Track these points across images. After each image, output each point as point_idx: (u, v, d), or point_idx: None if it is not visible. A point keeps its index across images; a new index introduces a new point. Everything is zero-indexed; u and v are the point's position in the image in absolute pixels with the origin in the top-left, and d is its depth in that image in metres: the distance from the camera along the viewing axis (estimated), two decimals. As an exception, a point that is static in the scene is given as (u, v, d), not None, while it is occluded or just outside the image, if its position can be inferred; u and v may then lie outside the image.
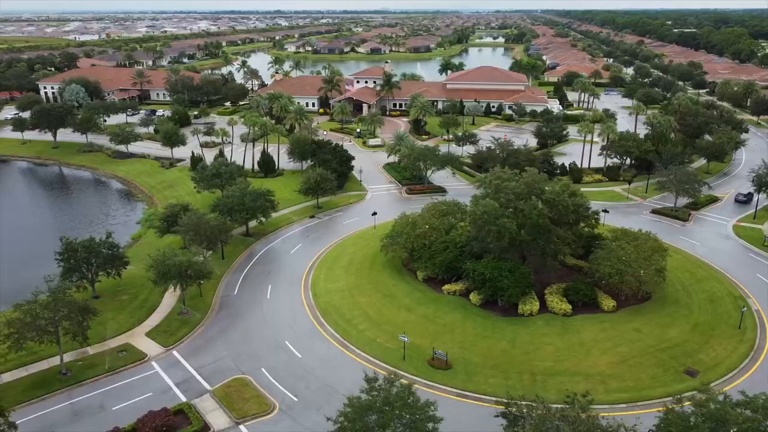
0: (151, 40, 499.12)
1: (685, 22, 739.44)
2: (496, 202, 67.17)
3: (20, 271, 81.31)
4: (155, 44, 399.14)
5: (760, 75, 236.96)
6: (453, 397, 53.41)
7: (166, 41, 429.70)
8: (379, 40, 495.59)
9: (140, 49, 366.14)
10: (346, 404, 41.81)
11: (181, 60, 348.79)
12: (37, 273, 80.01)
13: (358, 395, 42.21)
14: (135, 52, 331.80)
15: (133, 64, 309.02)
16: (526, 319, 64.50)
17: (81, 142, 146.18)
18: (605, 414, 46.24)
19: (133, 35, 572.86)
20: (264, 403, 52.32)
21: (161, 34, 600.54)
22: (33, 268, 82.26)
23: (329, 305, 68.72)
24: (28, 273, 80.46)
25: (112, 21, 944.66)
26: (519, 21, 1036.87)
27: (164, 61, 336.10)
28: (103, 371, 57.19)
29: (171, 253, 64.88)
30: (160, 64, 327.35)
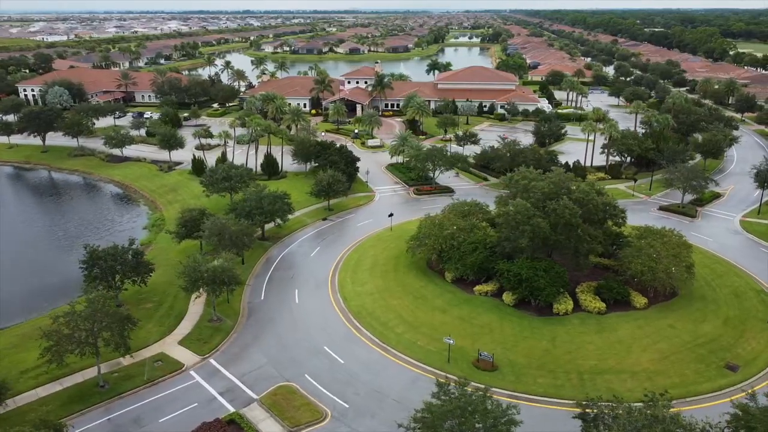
0: (123, 41, 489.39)
1: (652, 22, 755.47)
2: (527, 202, 67.30)
3: (35, 279, 78.83)
4: (129, 45, 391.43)
5: (737, 73, 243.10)
6: (504, 399, 53.03)
7: (140, 42, 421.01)
8: (356, 40, 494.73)
9: (115, 50, 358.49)
10: (420, 409, 41.34)
11: (158, 61, 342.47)
12: (52, 281, 78.72)
13: (429, 401, 41.80)
14: (111, 53, 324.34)
15: (109, 65, 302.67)
16: (562, 318, 64.76)
17: (71, 145, 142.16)
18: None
19: (102, 36, 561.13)
20: (315, 410, 51.40)
21: (132, 35, 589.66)
22: (47, 276, 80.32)
23: (362, 308, 67.99)
24: (43, 281, 78.53)
25: (78, 21, 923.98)
26: (490, 20, 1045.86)
27: (141, 62, 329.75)
28: (142, 382, 55.54)
29: (203, 259, 63.36)
30: (137, 65, 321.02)
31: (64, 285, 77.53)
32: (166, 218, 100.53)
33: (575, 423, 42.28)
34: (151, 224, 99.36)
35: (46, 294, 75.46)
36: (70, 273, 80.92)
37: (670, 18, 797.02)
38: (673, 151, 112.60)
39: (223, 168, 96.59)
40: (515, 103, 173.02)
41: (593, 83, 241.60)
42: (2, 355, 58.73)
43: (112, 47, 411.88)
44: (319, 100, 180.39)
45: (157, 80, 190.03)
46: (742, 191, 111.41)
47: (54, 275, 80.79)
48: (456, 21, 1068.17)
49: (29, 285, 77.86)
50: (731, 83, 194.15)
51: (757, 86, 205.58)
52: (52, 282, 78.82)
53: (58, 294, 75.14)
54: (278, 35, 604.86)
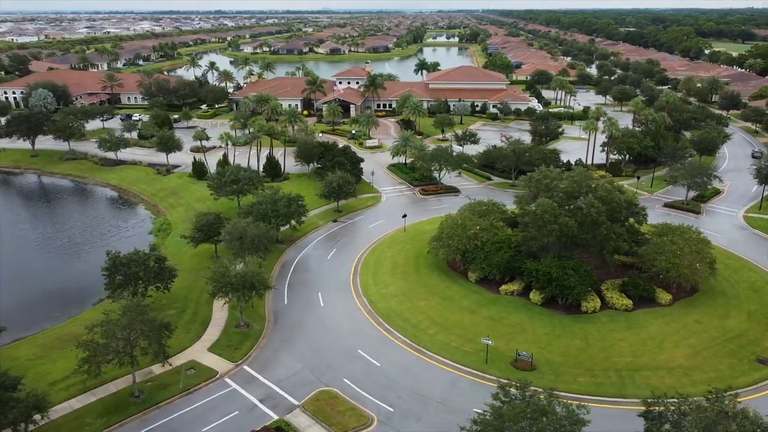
0: (96, 41, 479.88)
1: (623, 22, 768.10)
2: (553, 202, 67.60)
3: (45, 288, 76.76)
4: (104, 45, 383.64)
5: (717, 72, 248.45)
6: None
7: (115, 43, 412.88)
8: (335, 40, 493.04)
9: (91, 51, 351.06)
10: (483, 412, 41.16)
11: (136, 62, 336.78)
12: (63, 290, 76.62)
13: (491, 403, 41.67)
14: (88, 54, 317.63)
15: (87, 66, 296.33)
16: (590, 316, 65.16)
17: (61, 149, 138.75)
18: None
19: (74, 36, 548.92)
20: (361, 415, 50.81)
21: (105, 35, 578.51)
22: (57, 284, 78.24)
23: (390, 311, 67.54)
24: (54, 290, 76.55)
25: (47, 22, 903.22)
26: (464, 20, 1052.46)
27: (119, 63, 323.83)
28: (178, 391, 54.29)
29: (231, 264, 62.22)
30: (115, 66, 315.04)
31: (76, 293, 75.92)
32: (172, 222, 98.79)
33: (621, 420, 42.52)
34: (157, 229, 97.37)
35: (59, 303, 73.52)
36: (80, 281, 79.57)
37: (641, 18, 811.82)
38: (673, 149, 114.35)
39: (231, 171, 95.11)
40: (507, 103, 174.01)
41: (578, 82, 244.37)
42: (27, 367, 56.72)
43: (87, 48, 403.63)
44: (310, 101, 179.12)
45: (144, 82, 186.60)
46: (741, 187, 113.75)
47: (64, 283, 78.79)
48: (431, 21, 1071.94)
49: (40, 294, 75.65)
50: (714, 82, 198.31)
51: (738, 84, 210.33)
52: (64, 290, 76.89)
53: (71, 302, 73.55)
54: (255, 35, 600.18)
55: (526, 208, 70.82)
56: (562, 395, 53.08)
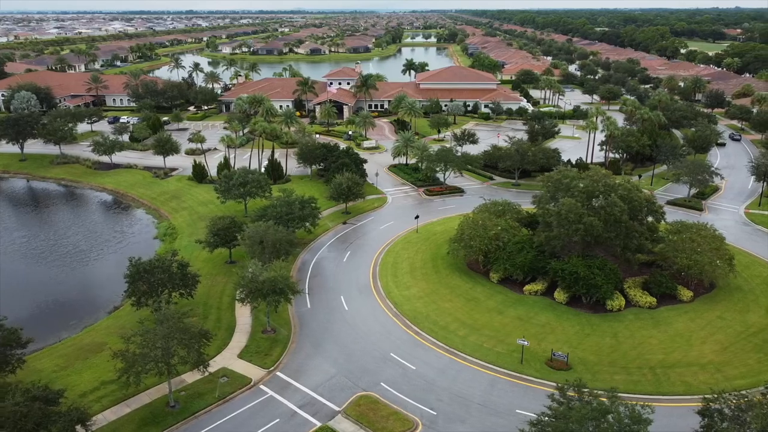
0: (68, 42, 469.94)
1: (596, 21, 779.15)
2: (574, 201, 68.02)
3: (57, 297, 74.72)
4: (78, 46, 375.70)
5: (697, 71, 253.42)
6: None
7: (90, 43, 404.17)
8: (314, 40, 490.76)
9: (66, 52, 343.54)
10: (541, 414, 41.13)
11: (114, 63, 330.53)
12: (75, 298, 74.64)
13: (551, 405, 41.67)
14: (65, 55, 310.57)
15: (64, 68, 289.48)
16: (616, 314, 65.74)
17: (51, 153, 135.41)
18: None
19: (45, 37, 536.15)
20: (405, 419, 50.39)
21: (77, 36, 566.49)
22: (69, 293, 76.33)
23: (416, 313, 67.22)
24: (66, 298, 74.68)
25: (14, 22, 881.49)
26: (439, 20, 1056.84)
27: (97, 65, 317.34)
28: (214, 400, 53.23)
29: (260, 269, 61.23)
30: (92, 67, 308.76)
31: (89, 302, 74.12)
32: (177, 227, 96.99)
33: (663, 417, 42.77)
34: (162, 233, 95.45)
35: (73, 312, 71.67)
36: (92, 289, 77.74)
37: (613, 17, 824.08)
38: (671, 147, 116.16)
39: (239, 174, 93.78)
40: (500, 103, 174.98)
41: (563, 82, 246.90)
42: (53, 379, 54.97)
43: (61, 49, 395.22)
44: (302, 102, 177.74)
45: (131, 83, 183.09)
46: (737, 183, 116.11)
47: (75, 292, 76.73)
48: (406, 21, 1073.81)
49: (52, 303, 73.59)
50: (698, 80, 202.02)
51: (720, 83, 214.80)
52: (76, 299, 74.91)
53: (85, 311, 71.77)
54: (231, 36, 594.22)
55: (548, 208, 71.09)
56: (601, 394, 53.77)
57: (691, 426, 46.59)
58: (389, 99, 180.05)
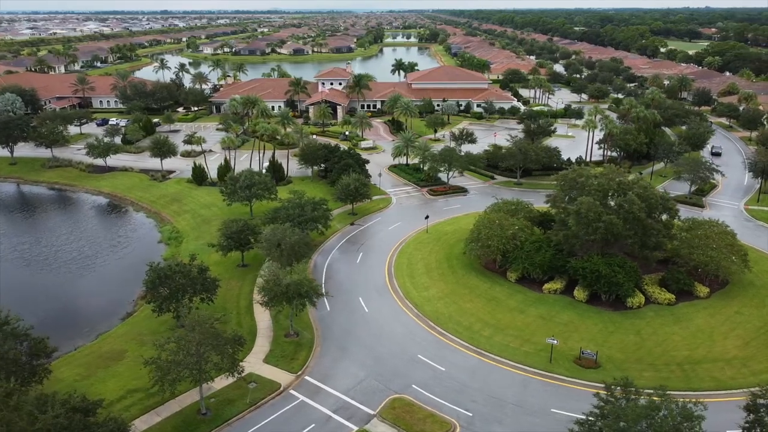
0: (42, 43, 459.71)
1: (572, 21, 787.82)
2: (593, 200, 68.39)
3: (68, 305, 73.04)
4: (55, 47, 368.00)
5: (679, 69, 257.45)
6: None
7: (66, 44, 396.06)
8: (294, 40, 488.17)
9: (43, 52, 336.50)
10: (588, 413, 41.18)
11: (94, 64, 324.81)
12: (87, 305, 73.02)
13: (596, 403, 41.75)
14: (44, 56, 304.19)
15: (44, 69, 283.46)
16: (637, 312, 66.23)
17: (41, 156, 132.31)
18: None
19: (18, 38, 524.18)
20: (442, 421, 50.10)
21: (51, 37, 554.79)
22: (80, 300, 74.83)
23: (439, 314, 66.97)
24: (77, 306, 73.21)
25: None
26: (418, 20, 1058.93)
27: (77, 66, 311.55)
28: (245, 406, 52.35)
29: (283, 273, 60.43)
30: (72, 68, 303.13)
31: (100, 308, 72.63)
32: (181, 230, 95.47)
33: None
34: (167, 237, 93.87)
35: (85, 319, 70.16)
36: (101, 295, 76.04)
37: (589, 17, 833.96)
38: (669, 145, 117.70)
39: (245, 175, 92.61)
40: (492, 102, 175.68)
41: (550, 81, 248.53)
42: (76, 388, 53.20)
43: (37, 50, 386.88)
44: (294, 103, 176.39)
45: (119, 84, 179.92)
46: (733, 180, 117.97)
47: (85, 298, 75.08)
48: (385, 21, 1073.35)
49: (62, 310, 71.87)
50: (683, 79, 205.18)
51: (704, 81, 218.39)
52: (86, 306, 73.39)
53: (97, 318, 70.18)
54: (210, 36, 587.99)
55: (567, 207, 71.34)
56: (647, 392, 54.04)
57: (729, 421, 47.26)
58: (382, 99, 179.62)
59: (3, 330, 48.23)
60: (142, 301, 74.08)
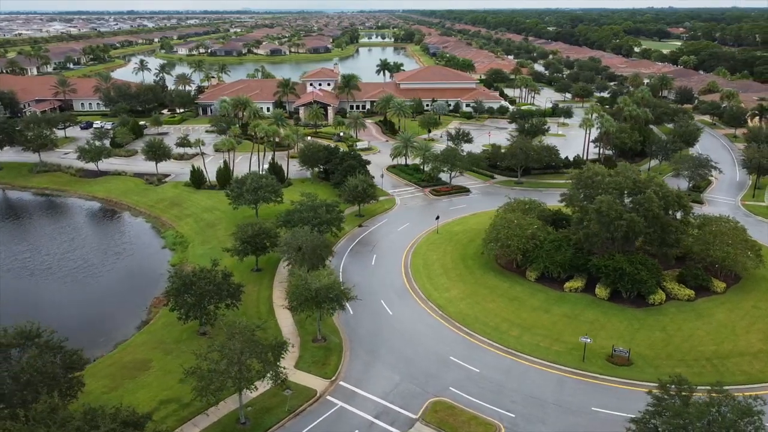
0: (8, 44, 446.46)
1: (543, 21, 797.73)
2: (613, 198, 69.01)
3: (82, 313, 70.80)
4: (23, 48, 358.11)
5: (657, 68, 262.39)
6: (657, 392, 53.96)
7: (33, 45, 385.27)
8: (270, 40, 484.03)
9: (12, 54, 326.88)
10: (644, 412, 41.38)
11: (67, 65, 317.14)
12: (101, 313, 70.88)
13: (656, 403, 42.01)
14: (15, 58, 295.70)
15: (15, 71, 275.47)
16: (659, 308, 66.96)
17: (27, 161, 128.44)
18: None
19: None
20: (487, 423, 49.87)
21: (16, 38, 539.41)
22: (94, 309, 72.82)
23: (464, 315, 66.76)
24: (92, 314, 71.15)
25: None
26: (390, 20, 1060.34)
27: (49, 67, 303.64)
28: (284, 414, 51.35)
29: (311, 277, 59.49)
30: (45, 70, 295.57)
31: (112, 317, 70.55)
32: (185, 235, 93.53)
33: None
34: (171, 243, 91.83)
35: (98, 328, 68.05)
36: (111, 303, 73.92)
37: (560, 17, 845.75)
38: (664, 142, 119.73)
39: (252, 178, 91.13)
40: (482, 102, 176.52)
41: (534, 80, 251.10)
42: (105, 401, 51.60)
43: (5, 51, 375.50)
44: (282, 104, 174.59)
45: (101, 86, 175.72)
46: (726, 176, 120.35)
47: (95, 308, 72.77)
48: (357, 21, 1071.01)
49: (73, 320, 69.32)
50: (664, 78, 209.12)
51: (683, 79, 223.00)
52: (98, 315, 71.01)
53: (110, 327, 68.24)
54: (183, 37, 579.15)
55: (586, 206, 71.81)
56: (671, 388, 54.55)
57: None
58: (371, 99, 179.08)
59: (36, 342, 46.34)
60: (156, 308, 72.65)
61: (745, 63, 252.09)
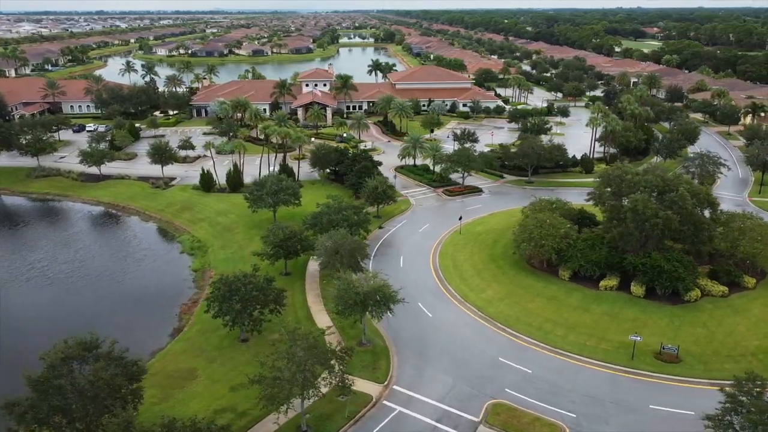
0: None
1: (520, 21, 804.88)
2: (646, 196, 69.57)
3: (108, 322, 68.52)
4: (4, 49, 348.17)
5: (642, 67, 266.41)
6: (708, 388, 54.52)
7: (8, 46, 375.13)
8: (249, 41, 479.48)
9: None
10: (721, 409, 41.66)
11: (45, 67, 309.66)
12: (131, 322, 68.94)
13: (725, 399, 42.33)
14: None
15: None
16: (695, 305, 67.63)
17: (24, 166, 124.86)
18: None
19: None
20: (551, 424, 49.73)
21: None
22: (121, 317, 70.70)
23: (504, 315, 66.62)
24: (119, 323, 69.10)
25: None
26: (366, 20, 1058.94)
27: (27, 69, 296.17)
28: (344, 421, 50.53)
29: (357, 280, 58.72)
30: (23, 72, 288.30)
31: (140, 324, 68.72)
32: (202, 240, 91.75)
33: None
34: (189, 247, 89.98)
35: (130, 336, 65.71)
36: (140, 311, 71.98)
37: (535, 17, 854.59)
38: (668, 140, 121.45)
39: (271, 181, 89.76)
40: (479, 101, 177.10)
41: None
42: (158, 411, 50.25)
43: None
44: (278, 105, 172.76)
45: (92, 88, 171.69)
46: (729, 173, 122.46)
47: (125, 316, 70.73)
48: (334, 21, 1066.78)
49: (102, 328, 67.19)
50: (653, 77, 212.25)
51: (669, 78, 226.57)
52: (127, 323, 68.96)
53: (142, 334, 66.38)
54: (159, 37, 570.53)
55: (622, 204, 72.20)
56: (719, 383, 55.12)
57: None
58: (367, 100, 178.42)
59: (95, 353, 44.78)
60: (186, 315, 71.11)
61: (728, 62, 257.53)
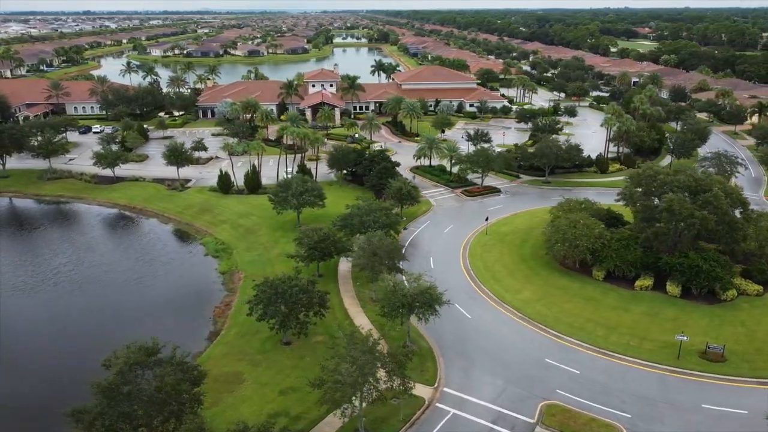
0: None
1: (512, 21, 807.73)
2: (681, 196, 69.89)
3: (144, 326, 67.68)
4: None
5: (641, 67, 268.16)
6: (757, 387, 54.86)
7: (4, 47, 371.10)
8: (243, 41, 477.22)
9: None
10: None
11: (41, 68, 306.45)
12: (168, 326, 68.16)
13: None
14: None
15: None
16: (731, 304, 68.08)
17: (35, 168, 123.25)
18: None
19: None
20: (608, 425, 49.78)
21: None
22: (157, 321, 69.95)
23: (543, 316, 66.62)
24: (156, 327, 68.33)
25: None
26: (357, 21, 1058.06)
27: (22, 70, 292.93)
28: (400, 424, 50.27)
29: (402, 282, 58.42)
30: (19, 73, 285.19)
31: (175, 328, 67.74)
32: (226, 242, 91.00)
33: None
34: (213, 250, 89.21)
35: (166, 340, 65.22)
36: (175, 314, 71.34)
37: (527, 17, 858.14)
38: (682, 140, 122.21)
39: (296, 182, 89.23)
40: (486, 102, 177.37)
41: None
42: (210, 417, 49.81)
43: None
44: (285, 105, 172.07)
45: (97, 89, 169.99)
46: (743, 173, 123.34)
47: (160, 319, 69.93)
48: (325, 21, 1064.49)
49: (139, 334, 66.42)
50: (655, 77, 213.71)
51: (670, 78, 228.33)
52: (162, 326, 68.05)
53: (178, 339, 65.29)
54: (151, 38, 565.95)
55: (658, 204, 72.41)
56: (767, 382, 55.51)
57: None
58: (374, 100, 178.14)
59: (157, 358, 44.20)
60: (221, 318, 70.41)
61: (726, 62, 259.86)
